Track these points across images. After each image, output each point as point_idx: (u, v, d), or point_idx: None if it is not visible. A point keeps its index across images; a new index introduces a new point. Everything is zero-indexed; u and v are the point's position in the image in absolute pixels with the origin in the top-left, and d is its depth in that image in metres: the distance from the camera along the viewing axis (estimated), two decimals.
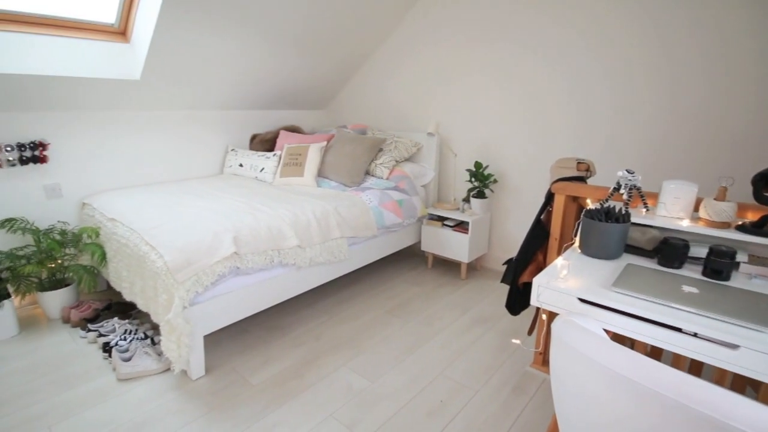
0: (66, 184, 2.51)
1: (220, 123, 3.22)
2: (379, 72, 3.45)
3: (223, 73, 2.79)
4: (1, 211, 2.30)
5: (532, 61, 2.63)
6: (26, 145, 2.30)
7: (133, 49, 2.39)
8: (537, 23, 2.56)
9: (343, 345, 2.12)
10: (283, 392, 1.77)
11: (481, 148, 2.99)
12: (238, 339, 2.16)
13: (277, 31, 2.65)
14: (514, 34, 2.67)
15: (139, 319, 2.27)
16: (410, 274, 3.02)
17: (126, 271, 2.02)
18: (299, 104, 3.69)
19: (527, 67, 2.66)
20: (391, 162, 2.96)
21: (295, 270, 2.13)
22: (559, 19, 2.48)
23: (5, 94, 2.12)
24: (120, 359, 1.87)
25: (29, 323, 2.28)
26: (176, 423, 1.59)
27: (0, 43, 1.99)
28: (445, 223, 2.91)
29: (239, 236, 1.85)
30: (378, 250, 2.71)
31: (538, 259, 1.82)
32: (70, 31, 2.20)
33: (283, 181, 2.88)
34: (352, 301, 2.59)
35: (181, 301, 1.63)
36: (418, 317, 2.41)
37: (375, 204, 2.58)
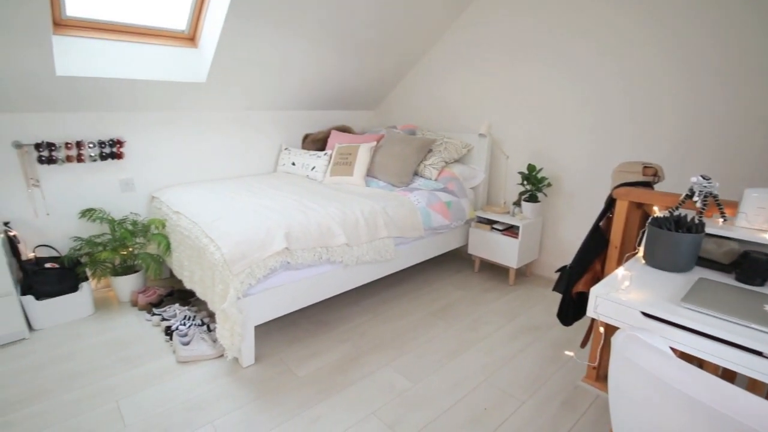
0: (138, 178, 2.73)
1: (275, 123, 3.35)
2: (431, 73, 3.42)
3: (280, 75, 2.90)
4: (83, 202, 2.54)
5: (592, 60, 2.49)
6: (106, 142, 2.53)
7: (201, 54, 2.55)
8: (600, 18, 2.42)
9: (386, 344, 2.13)
10: (328, 386, 1.81)
11: (534, 150, 2.88)
12: (286, 331, 2.23)
13: (332, 35, 2.72)
14: (573, 32, 2.54)
15: (198, 307, 2.41)
16: (456, 277, 2.97)
17: (187, 261, 2.16)
18: (350, 105, 3.75)
19: (587, 65, 2.52)
20: (441, 163, 2.93)
21: (342, 267, 2.17)
22: (624, 13, 2.32)
23: (90, 95, 2.34)
24: (180, 343, 2.00)
25: (103, 304, 2.51)
26: (228, 406, 1.67)
27: (86, 50, 2.20)
28: (494, 226, 2.83)
29: (290, 233, 1.91)
30: (424, 251, 2.69)
31: (595, 268, 1.72)
32: (146, 38, 2.39)
33: (333, 179, 2.95)
34: (397, 301, 2.59)
35: (235, 292, 1.72)
36: (463, 321, 2.37)
37: (423, 205, 2.56)
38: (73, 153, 2.44)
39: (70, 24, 2.14)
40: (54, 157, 2.38)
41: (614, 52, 2.41)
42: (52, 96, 2.23)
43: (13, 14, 1.72)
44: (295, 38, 2.62)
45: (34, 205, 2.39)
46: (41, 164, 2.35)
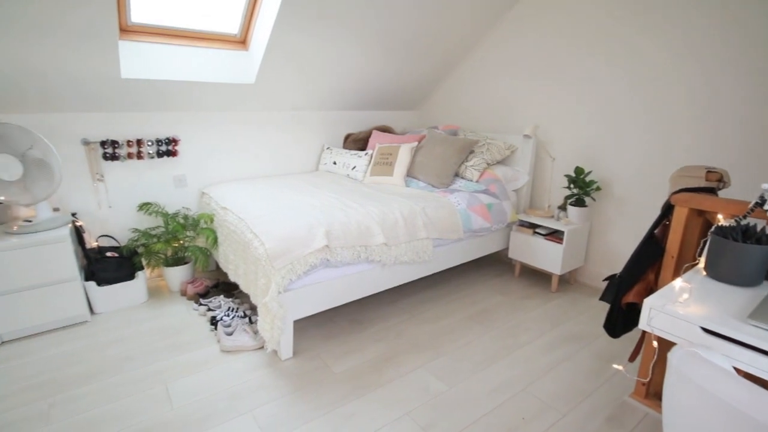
0: (190, 175, 2.88)
1: (317, 123, 3.42)
2: (475, 73, 3.36)
3: (324, 76, 2.96)
4: (140, 196, 2.72)
5: (653, 58, 2.35)
6: (162, 141, 2.70)
7: (251, 56, 2.65)
8: (666, 16, 2.27)
9: (422, 346, 2.12)
10: (363, 384, 1.82)
11: (583, 152, 2.75)
12: (323, 328, 2.27)
13: (377, 37, 2.73)
14: (627, 28, 2.40)
15: (241, 299, 2.51)
16: (495, 281, 2.90)
17: (233, 255, 2.25)
18: (392, 105, 3.76)
19: (643, 64, 2.38)
20: (482, 164, 2.87)
21: (380, 267, 2.18)
22: (694, 9, 2.17)
23: (150, 96, 2.50)
24: (223, 333, 2.08)
25: (155, 293, 2.67)
26: (267, 396, 1.73)
27: (148, 54, 2.35)
28: (537, 230, 2.73)
29: (331, 230, 1.94)
30: (463, 253, 2.65)
31: (648, 278, 1.62)
32: (202, 42, 2.52)
33: (372, 179, 2.97)
34: (434, 303, 2.57)
35: (276, 287, 1.77)
36: (502, 327, 2.30)
37: (463, 207, 2.52)
38: (133, 150, 2.62)
39: (134, 30, 2.29)
40: (117, 154, 2.56)
41: (679, 51, 2.25)
42: (117, 97, 2.40)
43: (84, 22, 1.86)
44: (341, 40, 2.66)
45: (98, 198, 2.58)
46: (105, 160, 2.54)
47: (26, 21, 1.77)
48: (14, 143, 2.01)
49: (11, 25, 1.77)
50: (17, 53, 1.91)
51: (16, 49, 1.89)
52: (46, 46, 1.92)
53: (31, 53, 1.93)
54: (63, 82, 2.16)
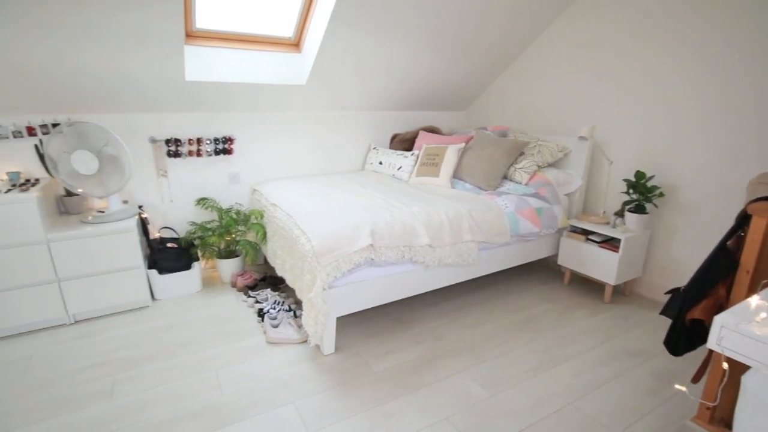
0: (243, 172, 3.02)
1: (365, 122, 3.46)
2: (527, 73, 3.25)
3: (373, 77, 2.99)
4: (199, 191, 2.89)
5: (720, 57, 2.15)
6: (220, 139, 2.85)
7: (303, 58, 2.73)
8: (729, 12, 2.08)
9: (463, 350, 2.08)
10: (402, 384, 1.82)
11: (645, 156, 2.58)
12: (365, 326, 2.29)
13: (426, 36, 2.72)
14: (695, 24, 2.22)
15: (287, 293, 2.59)
16: (542, 289, 2.78)
17: (280, 250, 2.33)
18: (440, 105, 3.73)
19: (715, 63, 2.18)
20: (533, 167, 2.77)
21: (423, 268, 2.16)
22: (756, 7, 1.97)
23: (210, 97, 2.65)
24: (270, 325, 2.16)
25: (208, 283, 2.82)
26: (309, 389, 1.77)
27: (210, 57, 2.49)
28: (590, 237, 2.60)
29: (376, 230, 1.96)
30: (509, 258, 2.57)
31: (718, 293, 1.48)
32: (258, 45, 2.63)
33: (418, 180, 2.96)
34: (477, 308, 2.51)
35: (321, 283, 1.81)
36: (549, 336, 2.21)
37: (511, 210, 2.44)
38: (193, 148, 2.79)
39: (198, 35, 2.44)
40: (179, 151, 2.74)
41: (752, 51, 2.05)
42: (180, 98, 2.57)
43: (154, 28, 2.01)
44: (391, 41, 2.67)
45: (161, 192, 2.78)
46: (169, 157, 2.73)
47: (107, 30, 1.93)
48: (92, 140, 2.21)
49: (95, 34, 1.94)
50: (98, 58, 2.09)
51: (97, 54, 2.07)
52: (122, 52, 2.09)
53: (110, 59, 2.11)
54: (134, 85, 2.34)
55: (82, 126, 2.17)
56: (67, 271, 2.16)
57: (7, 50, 1.90)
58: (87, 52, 2.04)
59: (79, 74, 2.16)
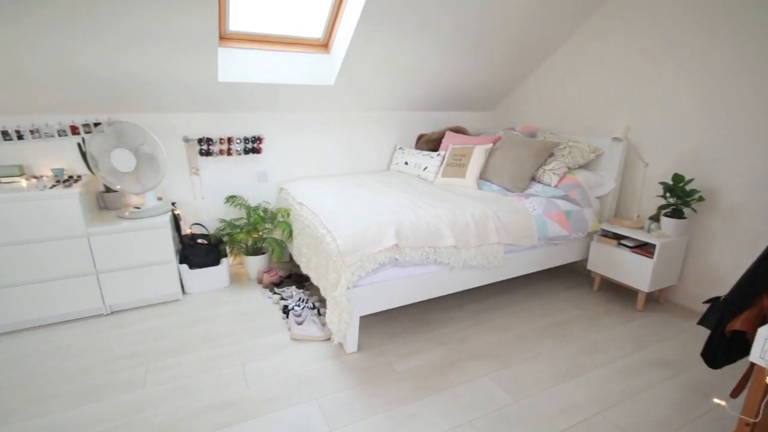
0: (271, 171, 3.08)
1: (391, 123, 3.47)
2: (558, 71, 3.17)
3: (401, 77, 2.99)
4: (228, 189, 2.97)
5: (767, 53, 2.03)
6: (249, 139, 2.92)
7: (332, 59, 2.76)
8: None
9: (488, 354, 2.05)
10: (425, 385, 1.81)
11: (684, 158, 2.46)
12: (388, 326, 2.29)
13: (454, 36, 2.69)
14: (737, 22, 2.10)
15: (311, 291, 2.63)
16: (570, 294, 2.71)
17: (306, 248, 2.36)
18: (467, 106, 3.69)
19: (763, 59, 2.06)
20: (563, 168, 2.70)
21: (448, 269, 2.15)
22: None
23: (241, 98, 2.72)
24: (294, 322, 2.20)
25: (235, 279, 2.89)
26: (332, 387, 1.79)
27: (241, 59, 2.55)
28: (622, 242, 2.51)
29: (400, 230, 1.96)
30: (537, 261, 2.51)
31: (762, 303, 1.40)
32: (287, 46, 2.67)
33: (444, 180, 2.93)
34: (502, 311, 2.47)
35: (346, 282, 1.82)
36: (576, 343, 2.15)
37: (539, 212, 2.39)
38: (224, 147, 2.86)
39: (231, 37, 2.51)
40: (211, 150, 2.82)
41: None
42: (212, 99, 2.65)
43: (188, 31, 2.08)
44: (418, 41, 2.66)
45: (193, 190, 2.87)
46: (201, 156, 2.81)
47: (146, 34, 2.01)
48: (130, 139, 2.30)
49: (135, 38, 2.02)
50: (134, 61, 2.18)
51: (133, 57, 2.16)
52: (157, 54, 2.17)
53: (148, 61, 2.20)
54: (169, 86, 2.43)
55: (121, 125, 2.27)
56: (104, 264, 2.27)
57: (56, 54, 2.00)
58: (127, 55, 2.13)
59: (119, 76, 2.26)
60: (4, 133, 2.33)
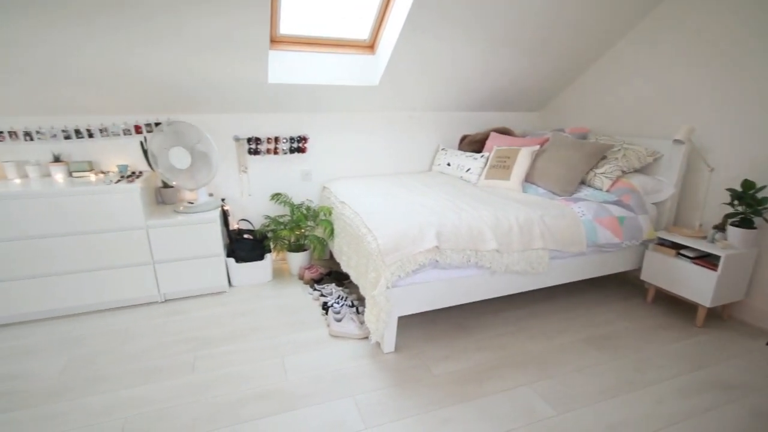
0: (315, 170, 3.16)
1: (434, 123, 3.44)
2: (613, 70, 3.00)
3: (446, 77, 2.95)
4: (273, 187, 3.08)
5: None
6: (295, 138, 3.00)
7: (377, 60, 2.78)
8: None
9: (529, 363, 1.98)
10: (461, 391, 1.78)
11: (755, 163, 2.25)
12: (426, 328, 2.27)
13: (502, 35, 2.62)
14: None
15: (350, 289, 2.66)
16: (620, 305, 2.56)
17: (346, 247, 2.39)
18: (513, 106, 3.59)
19: None
20: (616, 172, 2.55)
21: (489, 274, 2.09)
22: None
23: (288, 98, 2.80)
24: (333, 318, 2.23)
25: (278, 274, 2.98)
26: (368, 385, 1.80)
27: (290, 61, 2.63)
28: (681, 252, 2.33)
29: (442, 232, 1.93)
30: (584, 269, 2.39)
31: None
32: (332, 48, 2.72)
33: (487, 182, 2.87)
34: (545, 319, 2.38)
35: (385, 282, 1.83)
36: (627, 358, 2.02)
37: (588, 218, 2.28)
38: (271, 146, 2.97)
39: (281, 40, 2.59)
40: (258, 149, 2.93)
41: None
42: (262, 100, 2.75)
43: (243, 36, 2.17)
44: (465, 41, 2.62)
45: (241, 187, 3.00)
46: (250, 155, 2.93)
47: (202, 39, 2.13)
48: (186, 138, 2.44)
49: (192, 43, 2.14)
50: (192, 65, 2.31)
51: (192, 62, 2.28)
52: (214, 59, 2.29)
53: (204, 65, 2.32)
54: (223, 88, 2.55)
55: (179, 125, 2.41)
56: (160, 255, 2.42)
57: (123, 59, 2.16)
58: (186, 60, 2.26)
59: (178, 79, 2.40)
60: (77, 132, 2.55)
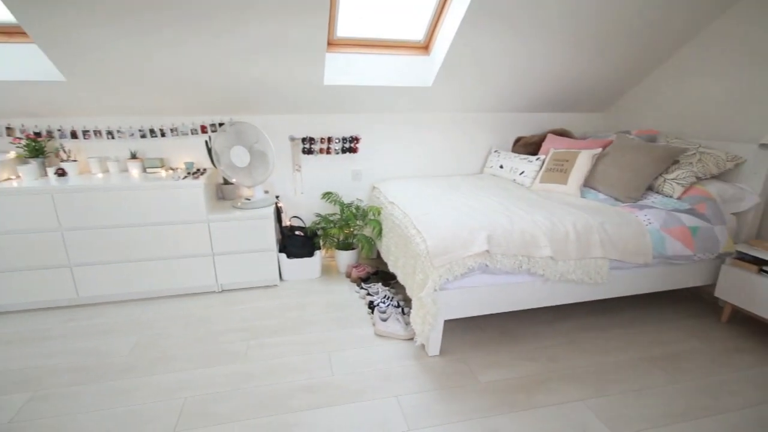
0: (365, 170, 3.20)
1: (486, 125, 3.35)
2: (685, 69, 2.76)
3: (501, 77, 2.87)
4: (325, 186, 3.16)
5: None
6: (347, 138, 3.06)
7: (431, 61, 2.76)
8: None
9: (582, 378, 1.87)
10: (509, 401, 1.71)
11: None
12: (472, 333, 2.22)
13: (564, 32, 2.50)
14: None
15: (396, 289, 2.66)
16: (690, 323, 2.34)
17: (394, 247, 2.40)
18: (572, 107, 3.41)
19: None
20: (690, 178, 2.34)
21: (542, 281, 2.01)
22: None
23: (342, 100, 2.86)
24: (379, 318, 2.25)
25: (326, 271, 3.05)
26: (411, 387, 1.79)
27: (345, 63, 2.68)
28: (764, 268, 2.09)
29: (493, 236, 1.88)
30: (649, 282, 2.22)
31: None
32: (386, 49, 2.74)
33: (542, 186, 2.75)
34: (601, 333, 2.24)
35: (433, 284, 1.81)
36: (697, 381, 1.85)
37: (656, 226, 2.11)
38: (324, 146, 3.05)
39: (338, 43, 2.65)
40: (312, 149, 3.02)
41: None
42: (316, 101, 2.83)
43: (302, 40, 2.24)
44: (524, 40, 2.52)
45: (294, 185, 3.10)
46: (303, 154, 3.03)
47: (263, 45, 2.23)
48: (246, 138, 2.57)
49: (252, 49, 2.25)
50: (254, 69, 2.42)
51: (254, 66, 2.40)
52: (274, 62, 2.38)
53: (264, 68, 2.43)
54: (281, 90, 2.65)
55: (240, 125, 2.55)
56: (219, 247, 2.56)
57: (192, 63, 2.32)
58: (249, 64, 2.38)
59: (240, 82, 2.53)
60: (151, 131, 2.77)
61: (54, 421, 1.60)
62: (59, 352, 2.04)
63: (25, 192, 2.23)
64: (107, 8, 1.89)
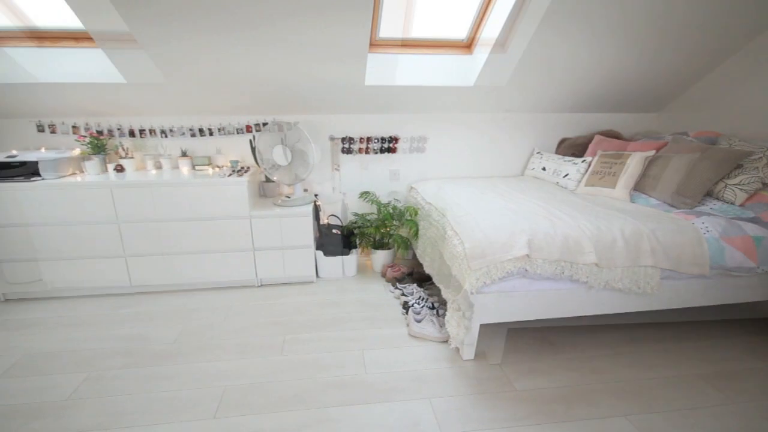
0: (403, 170, 3.19)
1: (529, 125, 3.26)
2: (751, 68, 2.54)
3: (545, 77, 2.77)
4: (363, 185, 3.18)
5: None
6: (386, 139, 3.07)
7: (474, 60, 2.72)
8: None
9: (626, 392, 1.77)
10: (547, 411, 1.65)
11: None
12: (510, 339, 2.16)
13: (618, 27, 2.37)
14: None
15: (431, 291, 2.64)
16: (750, 341, 2.16)
17: (430, 248, 2.38)
18: (623, 107, 3.24)
19: None
20: (755, 184, 2.16)
21: (585, 289, 1.92)
22: None
23: (381, 100, 2.87)
24: (413, 319, 2.24)
25: (362, 270, 3.08)
26: (445, 390, 1.77)
27: (386, 63, 2.69)
28: None
29: (533, 240, 1.82)
30: (704, 294, 2.06)
31: None
32: (426, 49, 2.72)
33: (587, 190, 2.63)
34: (649, 346, 2.11)
35: (470, 287, 1.77)
36: (756, 402, 1.70)
37: (714, 235, 1.96)
38: (363, 146, 3.07)
39: (380, 43, 2.66)
40: (351, 148, 3.06)
41: None
42: (357, 101, 2.86)
43: (345, 41, 2.27)
44: (574, 37, 2.41)
45: (333, 184, 3.15)
46: (343, 153, 3.07)
47: (307, 47, 2.27)
48: (288, 137, 2.64)
49: (296, 51, 2.30)
50: (298, 70, 2.48)
51: (299, 67, 2.45)
52: (317, 64, 2.43)
53: (307, 70, 2.48)
54: (323, 90, 2.70)
55: (282, 125, 2.62)
56: (260, 243, 2.65)
57: (238, 66, 2.41)
58: (292, 66, 2.44)
59: (282, 83, 2.60)
60: (200, 131, 2.91)
61: (106, 401, 1.71)
62: (112, 337, 2.18)
63: (87, 186, 2.41)
64: (198, 26, 2.00)
